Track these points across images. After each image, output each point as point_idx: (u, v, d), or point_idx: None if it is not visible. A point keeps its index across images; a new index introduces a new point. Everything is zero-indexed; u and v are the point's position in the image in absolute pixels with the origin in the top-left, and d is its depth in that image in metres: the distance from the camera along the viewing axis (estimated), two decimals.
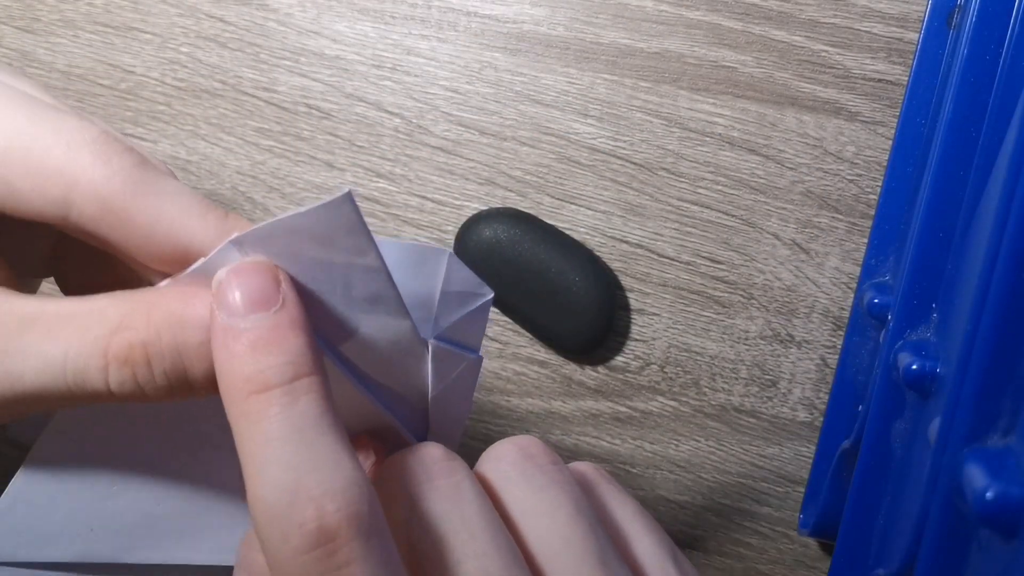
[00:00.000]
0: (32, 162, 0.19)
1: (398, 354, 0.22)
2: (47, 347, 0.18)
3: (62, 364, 0.18)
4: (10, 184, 0.19)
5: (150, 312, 0.19)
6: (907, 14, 0.35)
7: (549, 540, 0.20)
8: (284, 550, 0.16)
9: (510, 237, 0.35)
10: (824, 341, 0.36)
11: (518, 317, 0.36)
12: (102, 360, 0.18)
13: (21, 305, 0.19)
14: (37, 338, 0.19)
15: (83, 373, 0.18)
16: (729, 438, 0.37)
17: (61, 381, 0.19)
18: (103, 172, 0.19)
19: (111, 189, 0.19)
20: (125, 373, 0.19)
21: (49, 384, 0.19)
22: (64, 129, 0.20)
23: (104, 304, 0.19)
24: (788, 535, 0.37)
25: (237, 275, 0.18)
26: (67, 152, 0.19)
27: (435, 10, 0.37)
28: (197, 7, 0.38)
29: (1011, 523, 0.19)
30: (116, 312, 0.19)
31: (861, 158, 0.35)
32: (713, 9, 0.36)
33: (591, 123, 0.37)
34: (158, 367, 0.19)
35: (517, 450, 0.22)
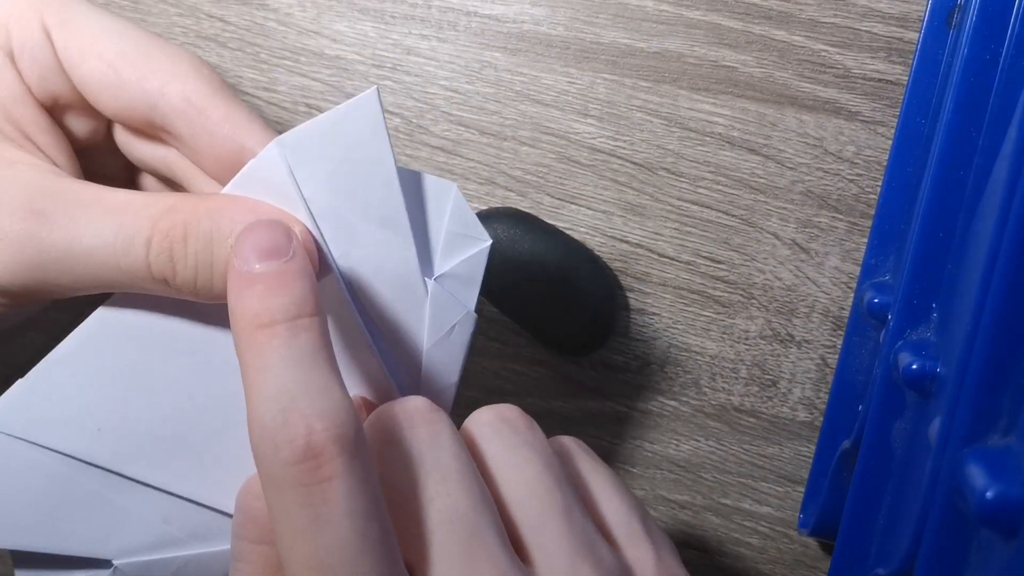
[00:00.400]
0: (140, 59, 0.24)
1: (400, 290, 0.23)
2: (106, 219, 0.22)
3: (115, 232, 0.22)
4: (119, 73, 0.23)
5: (196, 203, 0.22)
6: (907, 14, 0.35)
7: (517, 490, 0.22)
8: (275, 462, 0.18)
9: (510, 237, 0.35)
10: (824, 341, 0.36)
11: (518, 317, 0.36)
12: (148, 232, 0.22)
13: (92, 188, 0.22)
14: (100, 211, 0.22)
15: (130, 241, 0.22)
16: (729, 438, 0.37)
17: (111, 247, 0.22)
18: (194, 77, 0.24)
19: (196, 89, 0.24)
20: (164, 246, 0.21)
21: (100, 248, 0.21)
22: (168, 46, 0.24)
23: (159, 195, 0.23)
24: (788, 535, 0.37)
25: (253, 230, 0.21)
26: (169, 59, 0.24)
27: (435, 10, 0.37)
28: (197, 7, 0.38)
29: (1011, 523, 0.19)
30: (171, 199, 0.22)
31: (861, 158, 0.35)
32: (713, 9, 0.36)
33: (591, 123, 0.37)
34: (192, 247, 0.22)
35: (496, 414, 0.24)
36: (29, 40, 0.24)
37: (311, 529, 0.18)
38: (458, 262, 0.24)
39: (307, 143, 0.22)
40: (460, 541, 0.20)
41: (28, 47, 0.24)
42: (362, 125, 0.22)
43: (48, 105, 0.25)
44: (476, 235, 0.25)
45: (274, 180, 0.23)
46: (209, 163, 0.24)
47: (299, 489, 0.18)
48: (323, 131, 0.22)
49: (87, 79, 0.24)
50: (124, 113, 0.24)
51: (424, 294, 0.24)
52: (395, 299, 0.24)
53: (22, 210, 0.22)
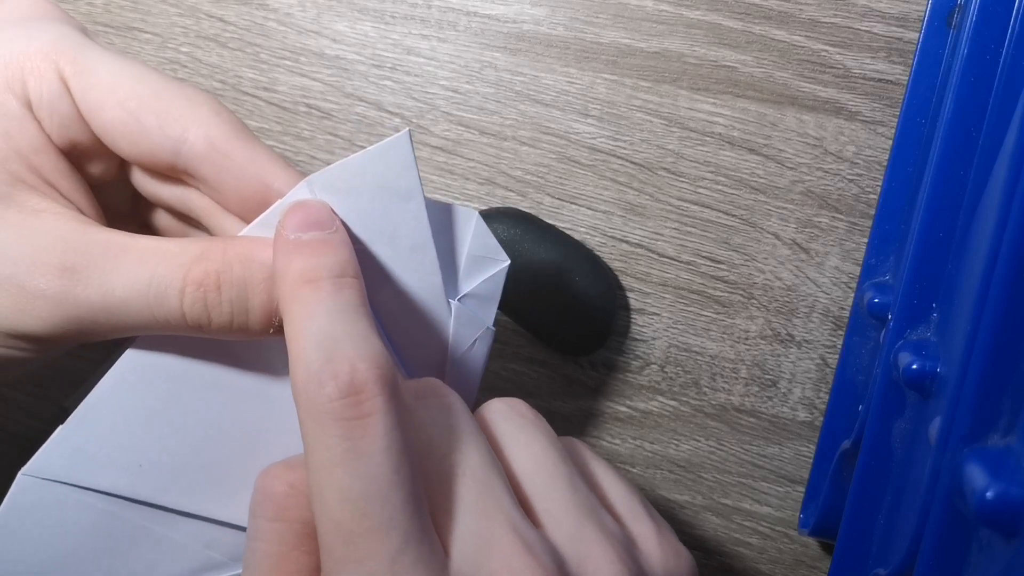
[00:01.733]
0: (160, 106, 0.24)
1: (424, 313, 0.25)
2: (137, 270, 0.22)
3: (147, 283, 0.22)
4: (140, 121, 0.24)
5: (227, 248, 0.23)
6: (907, 14, 0.35)
7: (525, 464, 0.23)
8: (319, 397, 0.19)
9: (510, 237, 0.35)
10: (824, 341, 0.36)
11: (518, 317, 0.36)
12: (181, 283, 0.22)
13: (119, 236, 0.23)
14: (130, 261, 0.22)
15: (164, 292, 0.22)
16: (729, 438, 0.37)
17: (144, 298, 0.22)
18: (215, 121, 0.24)
19: (219, 133, 0.24)
20: (198, 296, 0.22)
21: (133, 299, 0.22)
22: (186, 89, 0.24)
23: (188, 242, 0.23)
24: (788, 535, 0.37)
25: (300, 205, 0.23)
26: (188, 103, 0.24)
27: (435, 10, 0.37)
28: (197, 7, 0.38)
29: (1011, 523, 0.19)
30: (198, 247, 0.23)
31: (861, 158, 0.35)
32: (713, 9, 0.36)
33: (591, 123, 0.37)
34: (226, 294, 0.22)
35: (505, 403, 0.25)
36: (47, 90, 0.24)
37: (349, 460, 0.19)
38: (479, 282, 0.26)
39: (337, 181, 0.23)
40: (476, 494, 0.21)
41: (46, 97, 0.24)
42: (393, 165, 0.23)
43: (67, 151, 0.25)
44: (496, 256, 0.26)
45: None
46: (234, 204, 0.25)
47: (340, 423, 0.19)
48: (354, 170, 0.23)
49: (107, 127, 0.24)
50: (146, 158, 0.24)
51: (448, 314, 0.25)
52: (420, 319, 0.25)
53: (55, 267, 0.22)
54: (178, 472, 0.24)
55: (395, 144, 0.23)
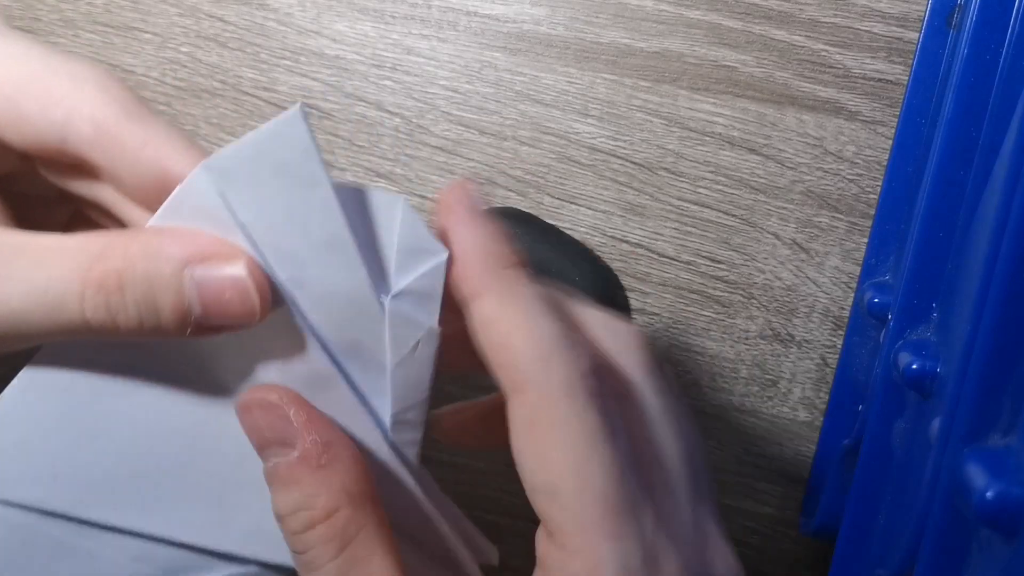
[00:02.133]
0: (40, 89, 0.21)
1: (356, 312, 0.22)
2: (33, 273, 0.20)
3: (44, 289, 0.20)
4: (19, 107, 0.21)
5: (129, 243, 0.20)
6: (907, 14, 0.35)
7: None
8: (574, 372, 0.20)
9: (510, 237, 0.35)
10: (824, 341, 0.36)
11: None
12: (80, 286, 0.20)
13: (13, 236, 0.21)
14: (25, 265, 0.20)
15: (62, 298, 0.20)
16: (729, 438, 0.37)
17: (43, 306, 0.20)
18: (102, 100, 0.21)
19: (106, 114, 0.21)
20: (99, 300, 0.20)
21: (32, 309, 0.20)
22: (71, 66, 0.22)
23: (87, 238, 0.21)
24: (788, 535, 0.37)
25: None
26: (72, 82, 0.21)
27: (435, 10, 0.37)
28: (197, 7, 0.38)
29: (1011, 523, 0.19)
30: (98, 244, 0.20)
31: (861, 158, 0.35)
32: (713, 9, 0.36)
33: (591, 123, 0.37)
34: (130, 295, 0.20)
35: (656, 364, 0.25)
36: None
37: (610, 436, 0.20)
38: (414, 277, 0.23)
39: (236, 166, 0.21)
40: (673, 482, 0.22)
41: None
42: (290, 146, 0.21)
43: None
44: (431, 248, 0.23)
45: (206, 206, 0.21)
46: (135, 192, 0.22)
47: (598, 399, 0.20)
48: (251, 153, 0.20)
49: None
50: (35, 148, 0.22)
51: (381, 314, 0.22)
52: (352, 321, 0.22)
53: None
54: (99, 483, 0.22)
55: (287, 124, 0.20)
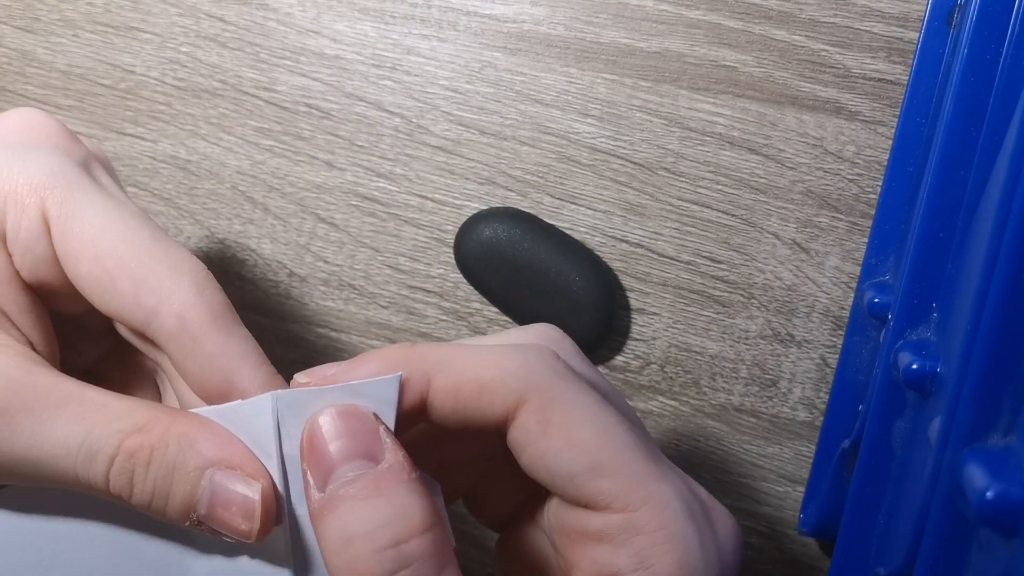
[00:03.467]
0: (139, 271, 0.22)
1: None
2: (74, 427, 0.20)
3: (80, 442, 0.20)
4: (114, 284, 0.22)
5: (170, 425, 0.21)
6: (907, 14, 0.35)
7: None
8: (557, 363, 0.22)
9: (510, 237, 0.35)
10: (824, 341, 0.36)
11: (518, 317, 0.36)
12: (115, 449, 0.20)
13: (65, 384, 0.21)
14: (68, 415, 0.21)
15: (93, 456, 0.20)
16: (729, 438, 0.37)
17: (72, 457, 0.20)
18: (194, 299, 0.22)
19: (195, 315, 0.22)
20: (126, 467, 0.20)
21: (61, 456, 0.20)
22: (174, 256, 0.23)
23: (134, 405, 0.21)
24: (788, 535, 0.37)
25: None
26: (170, 274, 0.22)
27: (435, 9, 0.37)
28: (197, 7, 0.38)
29: (1011, 523, 0.19)
30: (142, 416, 0.21)
31: (861, 158, 0.35)
32: (713, 8, 0.36)
33: (591, 123, 0.37)
34: (152, 474, 0.21)
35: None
36: (26, 227, 0.22)
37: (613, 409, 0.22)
38: None
39: (304, 404, 0.21)
40: None
41: (23, 234, 0.22)
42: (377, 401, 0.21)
43: (35, 287, 0.23)
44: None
45: (257, 426, 0.22)
46: (195, 386, 0.23)
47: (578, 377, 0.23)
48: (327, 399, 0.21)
49: (82, 279, 0.22)
50: (118, 318, 0.23)
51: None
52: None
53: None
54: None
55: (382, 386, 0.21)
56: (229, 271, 0.39)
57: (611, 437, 0.21)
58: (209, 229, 0.39)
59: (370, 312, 0.38)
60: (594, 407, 0.22)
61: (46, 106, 0.39)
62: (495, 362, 0.22)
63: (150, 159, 0.39)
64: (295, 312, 0.39)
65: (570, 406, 0.22)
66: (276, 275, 0.39)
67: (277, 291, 0.39)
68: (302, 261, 0.38)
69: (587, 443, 0.21)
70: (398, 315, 0.38)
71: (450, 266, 0.38)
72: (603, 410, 0.22)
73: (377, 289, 0.38)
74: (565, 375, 0.22)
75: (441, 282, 0.38)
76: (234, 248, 0.39)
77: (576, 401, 0.22)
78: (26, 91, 0.39)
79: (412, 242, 0.38)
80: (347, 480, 0.20)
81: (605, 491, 0.21)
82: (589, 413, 0.22)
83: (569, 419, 0.21)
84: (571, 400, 0.22)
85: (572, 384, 0.22)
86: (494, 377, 0.22)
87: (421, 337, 0.38)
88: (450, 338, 0.38)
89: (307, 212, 0.38)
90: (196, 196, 0.39)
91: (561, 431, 0.21)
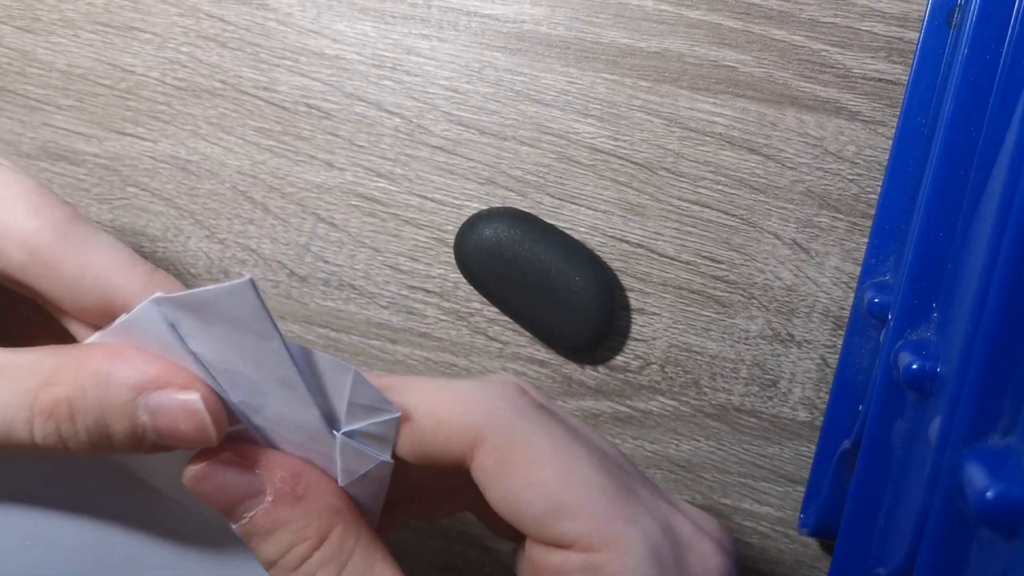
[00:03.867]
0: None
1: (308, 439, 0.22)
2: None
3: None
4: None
5: (78, 369, 0.19)
6: (907, 13, 0.35)
7: None
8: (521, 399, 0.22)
9: (510, 237, 0.35)
10: (824, 341, 0.36)
11: (518, 317, 0.36)
12: (28, 412, 0.19)
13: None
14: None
15: (10, 424, 0.19)
16: (729, 438, 0.37)
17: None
18: (34, 222, 0.20)
19: (40, 238, 0.20)
20: (49, 427, 0.19)
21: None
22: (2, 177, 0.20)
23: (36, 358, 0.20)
24: (788, 535, 0.37)
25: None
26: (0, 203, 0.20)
27: (435, 10, 0.37)
28: (197, 7, 0.38)
29: (1011, 523, 0.19)
30: (46, 367, 0.20)
31: (861, 158, 0.35)
32: (713, 8, 0.36)
33: (591, 123, 0.37)
34: (81, 423, 0.19)
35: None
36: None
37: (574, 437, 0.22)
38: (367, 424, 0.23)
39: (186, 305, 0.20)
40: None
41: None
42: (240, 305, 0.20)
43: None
44: (383, 407, 0.22)
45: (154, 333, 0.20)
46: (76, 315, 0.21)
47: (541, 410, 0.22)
48: (201, 300, 0.20)
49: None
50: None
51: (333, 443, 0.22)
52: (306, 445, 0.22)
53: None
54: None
55: (236, 290, 0.20)
56: (229, 271, 0.39)
57: (575, 475, 0.21)
58: (209, 229, 0.39)
59: (370, 312, 0.38)
60: (557, 443, 0.21)
61: (46, 106, 0.39)
62: (453, 398, 0.21)
63: (150, 159, 0.39)
64: (295, 312, 0.39)
65: (530, 444, 0.21)
66: (276, 275, 0.39)
67: (277, 291, 0.39)
68: (302, 261, 0.38)
69: (548, 482, 0.20)
70: (398, 315, 0.38)
71: (450, 266, 0.38)
72: (567, 446, 0.21)
73: (377, 289, 0.38)
74: (527, 411, 0.21)
75: (441, 282, 0.38)
76: (234, 248, 0.39)
77: (537, 438, 0.21)
78: (26, 91, 0.39)
79: (412, 242, 0.38)
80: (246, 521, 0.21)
81: (567, 532, 0.20)
82: (551, 451, 0.21)
83: (529, 457, 0.21)
84: (532, 437, 0.21)
85: (534, 420, 0.21)
86: (451, 414, 0.21)
87: (421, 337, 0.38)
88: (450, 338, 0.38)
89: (307, 212, 0.38)
90: (196, 196, 0.39)
91: (521, 470, 0.20)
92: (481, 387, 0.22)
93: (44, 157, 0.39)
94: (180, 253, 0.39)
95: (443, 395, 0.21)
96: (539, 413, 0.22)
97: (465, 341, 0.38)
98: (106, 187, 0.39)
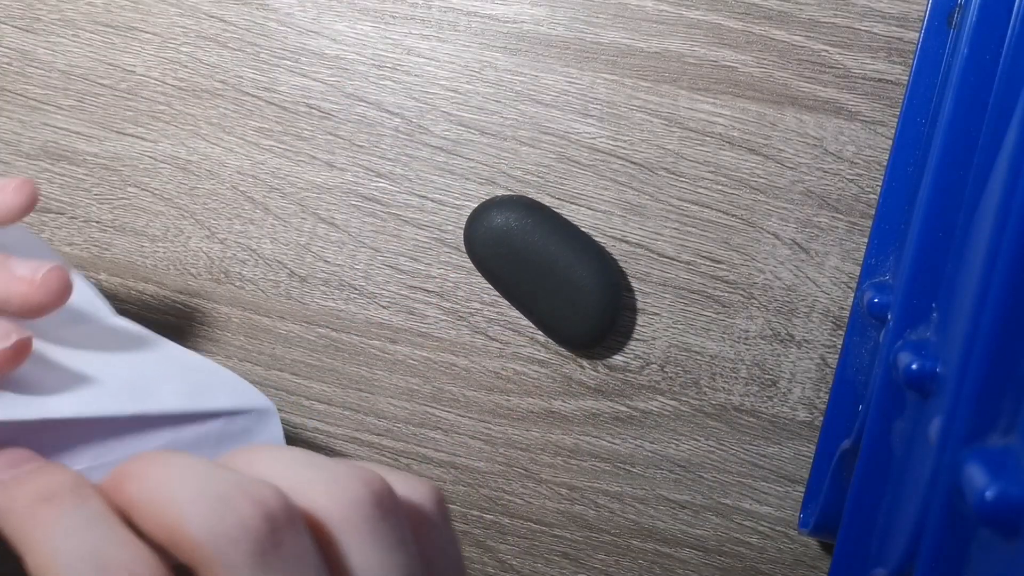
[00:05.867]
0: None
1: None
2: None
3: None
4: None
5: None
6: (907, 14, 0.35)
7: None
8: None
9: (521, 226, 0.35)
10: (824, 341, 0.36)
11: (523, 307, 0.36)
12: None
13: None
14: None
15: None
16: (729, 438, 0.37)
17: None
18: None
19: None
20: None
21: None
22: None
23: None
24: (788, 535, 0.37)
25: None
26: None
27: (435, 10, 0.37)
28: (197, 7, 0.38)
29: (1011, 523, 0.19)
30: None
31: (861, 158, 0.35)
32: (713, 9, 0.36)
33: (591, 123, 0.37)
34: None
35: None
36: None
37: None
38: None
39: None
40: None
41: None
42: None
43: None
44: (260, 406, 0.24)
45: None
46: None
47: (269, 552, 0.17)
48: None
49: None
50: None
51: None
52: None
53: None
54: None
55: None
56: (229, 271, 0.39)
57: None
58: (209, 229, 0.39)
59: (370, 312, 0.38)
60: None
61: (46, 106, 0.39)
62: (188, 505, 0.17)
63: (150, 159, 0.39)
64: (295, 312, 0.39)
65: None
66: (276, 275, 0.39)
67: (277, 291, 0.39)
68: (302, 261, 0.38)
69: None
70: (398, 315, 0.38)
71: (450, 266, 0.38)
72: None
73: (377, 289, 0.38)
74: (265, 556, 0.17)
75: (441, 282, 0.38)
76: (234, 248, 0.39)
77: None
78: (26, 91, 0.39)
79: (412, 242, 0.38)
80: None
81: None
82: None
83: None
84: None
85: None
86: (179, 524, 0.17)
87: (421, 337, 0.38)
88: (450, 338, 0.38)
89: (307, 212, 0.38)
90: (196, 196, 0.39)
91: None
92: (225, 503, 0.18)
93: (44, 157, 0.39)
94: (180, 253, 0.39)
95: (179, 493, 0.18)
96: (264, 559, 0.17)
97: (465, 341, 0.38)
98: (106, 187, 0.39)
